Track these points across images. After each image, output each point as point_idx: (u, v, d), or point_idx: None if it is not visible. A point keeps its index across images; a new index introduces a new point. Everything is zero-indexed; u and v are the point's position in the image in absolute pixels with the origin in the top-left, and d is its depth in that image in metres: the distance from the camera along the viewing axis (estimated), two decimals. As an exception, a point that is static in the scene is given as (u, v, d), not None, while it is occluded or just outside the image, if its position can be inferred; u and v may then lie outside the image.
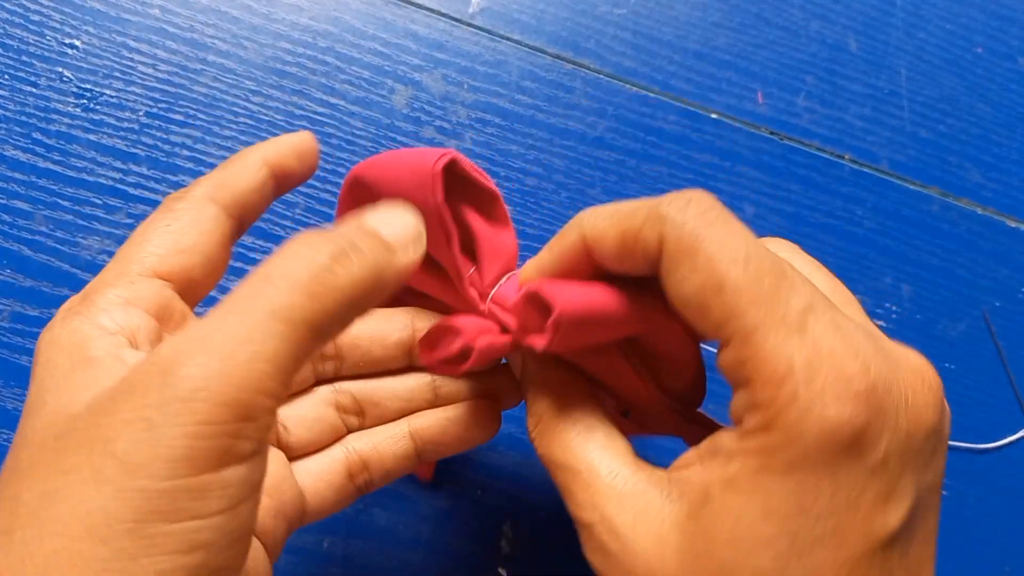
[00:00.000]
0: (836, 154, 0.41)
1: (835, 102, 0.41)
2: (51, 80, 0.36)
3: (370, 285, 0.19)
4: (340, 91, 0.37)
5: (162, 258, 0.22)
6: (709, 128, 0.40)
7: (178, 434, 0.16)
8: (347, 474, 0.27)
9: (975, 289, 0.41)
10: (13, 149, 0.35)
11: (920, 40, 0.43)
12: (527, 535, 0.35)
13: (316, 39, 0.38)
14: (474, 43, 0.39)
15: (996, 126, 0.42)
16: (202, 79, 0.37)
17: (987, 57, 0.43)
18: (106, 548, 0.16)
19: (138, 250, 0.22)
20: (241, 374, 0.17)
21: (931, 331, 0.40)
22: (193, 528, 0.16)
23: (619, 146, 0.39)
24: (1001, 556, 0.38)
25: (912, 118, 0.42)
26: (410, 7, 0.39)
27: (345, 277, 0.19)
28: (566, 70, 0.39)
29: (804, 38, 0.42)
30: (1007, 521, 0.39)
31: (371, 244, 0.20)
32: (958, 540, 0.38)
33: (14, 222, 0.35)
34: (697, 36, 0.41)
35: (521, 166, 0.38)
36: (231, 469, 0.17)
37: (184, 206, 0.23)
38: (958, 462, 0.39)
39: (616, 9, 0.40)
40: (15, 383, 0.34)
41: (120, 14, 0.37)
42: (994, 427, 0.39)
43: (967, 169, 0.42)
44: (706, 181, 0.39)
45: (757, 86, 0.41)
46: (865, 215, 0.40)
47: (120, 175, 0.36)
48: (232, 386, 0.16)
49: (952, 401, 0.41)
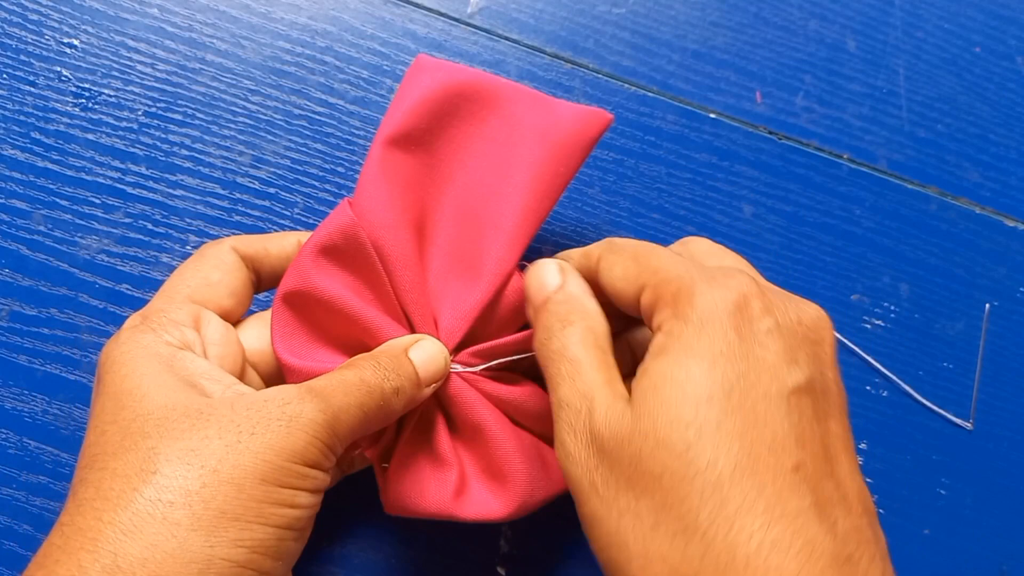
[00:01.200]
0: (834, 153, 0.41)
1: (833, 102, 0.41)
2: (50, 79, 0.36)
3: (394, 414, 0.28)
4: (339, 90, 0.37)
5: (194, 289, 0.29)
6: (707, 127, 0.40)
7: (300, 437, 0.24)
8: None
9: (973, 288, 0.41)
10: (11, 148, 0.35)
11: (918, 40, 0.43)
12: (527, 535, 0.35)
13: (315, 38, 0.38)
14: (473, 43, 0.39)
15: (994, 126, 0.42)
16: (201, 78, 0.37)
17: (985, 57, 0.43)
18: (240, 492, 0.22)
19: (177, 283, 0.29)
20: (335, 421, 0.25)
21: (929, 330, 0.40)
22: (294, 496, 0.24)
23: (618, 145, 0.39)
24: (1000, 556, 0.38)
25: (910, 118, 0.42)
26: (409, 6, 0.39)
27: (386, 408, 0.27)
28: (565, 70, 0.39)
29: (802, 38, 0.42)
30: (1007, 520, 0.39)
31: (411, 383, 0.28)
32: (957, 539, 0.38)
33: (12, 221, 0.35)
34: (696, 36, 0.41)
35: (520, 165, 0.38)
36: (321, 472, 0.25)
37: (211, 251, 0.30)
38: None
39: (615, 8, 0.40)
40: (13, 382, 0.34)
41: (119, 13, 0.37)
42: (993, 426, 0.39)
43: (965, 169, 0.42)
44: (704, 180, 0.39)
45: (756, 85, 0.41)
46: (863, 214, 0.40)
47: (119, 174, 0.36)
48: (330, 425, 0.25)
49: (951, 400, 0.41)
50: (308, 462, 0.24)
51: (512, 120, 0.31)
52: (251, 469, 0.23)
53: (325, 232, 0.29)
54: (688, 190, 0.39)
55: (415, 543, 0.35)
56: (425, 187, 0.30)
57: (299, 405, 0.24)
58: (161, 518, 0.22)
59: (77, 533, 0.22)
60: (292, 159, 0.37)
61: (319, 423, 0.24)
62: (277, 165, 0.36)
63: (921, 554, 0.38)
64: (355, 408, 0.26)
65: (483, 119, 0.31)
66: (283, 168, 0.36)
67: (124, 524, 0.22)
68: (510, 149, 0.31)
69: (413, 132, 0.30)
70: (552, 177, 0.30)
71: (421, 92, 0.30)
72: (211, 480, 0.22)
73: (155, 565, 0.21)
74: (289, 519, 0.23)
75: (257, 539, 0.22)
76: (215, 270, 0.29)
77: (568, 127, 0.30)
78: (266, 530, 0.23)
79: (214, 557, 0.22)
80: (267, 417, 0.24)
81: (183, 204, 0.36)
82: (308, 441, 0.24)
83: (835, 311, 0.39)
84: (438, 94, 0.30)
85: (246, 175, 0.36)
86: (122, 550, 0.21)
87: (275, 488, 0.23)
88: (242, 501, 0.22)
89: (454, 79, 0.30)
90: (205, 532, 0.22)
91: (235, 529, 0.22)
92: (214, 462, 0.23)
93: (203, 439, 0.23)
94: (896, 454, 0.39)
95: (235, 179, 0.36)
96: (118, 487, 0.22)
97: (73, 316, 0.34)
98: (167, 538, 0.21)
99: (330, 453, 0.25)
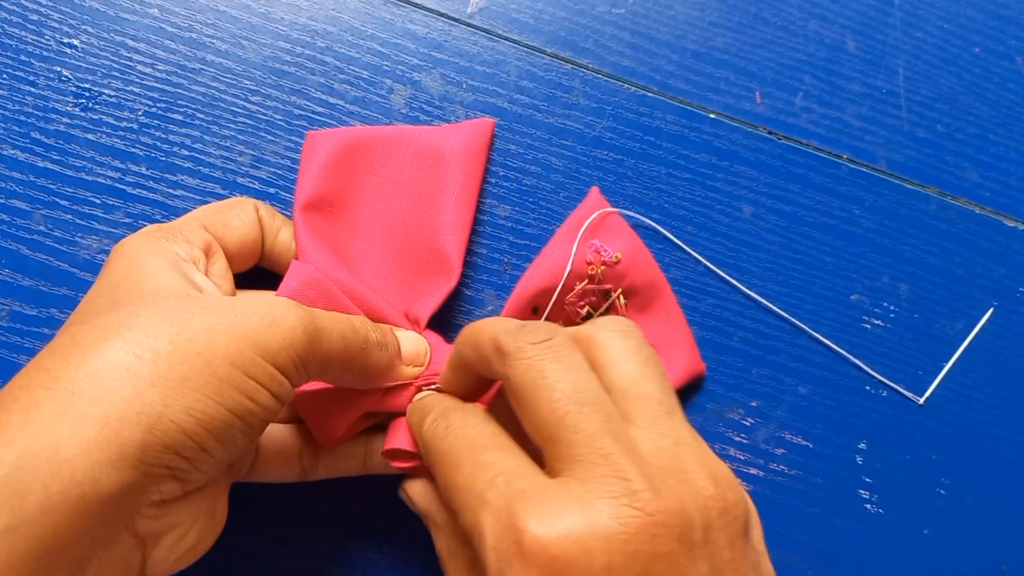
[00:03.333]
0: (834, 154, 0.41)
1: (833, 102, 0.41)
2: (50, 79, 0.36)
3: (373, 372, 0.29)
4: (339, 91, 0.37)
5: (212, 224, 0.31)
6: (707, 128, 0.40)
7: (277, 338, 0.24)
8: (298, 452, 0.31)
9: (973, 288, 0.41)
10: (12, 148, 0.35)
11: (918, 40, 0.43)
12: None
13: (315, 39, 0.38)
14: (473, 43, 0.39)
15: (994, 126, 0.42)
16: (201, 79, 0.37)
17: (985, 57, 0.43)
18: (206, 365, 0.23)
19: (199, 214, 0.31)
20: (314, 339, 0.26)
21: (929, 330, 0.40)
22: (256, 390, 0.24)
23: (617, 146, 0.39)
24: (1000, 556, 0.38)
25: (910, 118, 0.42)
26: (409, 7, 0.39)
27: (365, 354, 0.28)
28: (564, 70, 0.39)
29: (802, 38, 0.42)
30: (1007, 520, 0.39)
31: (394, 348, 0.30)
32: (957, 539, 0.38)
33: (12, 221, 0.35)
34: (695, 36, 0.41)
35: (519, 166, 0.38)
36: (286, 381, 0.25)
37: (238, 203, 0.32)
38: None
39: (614, 9, 0.40)
40: (14, 382, 0.34)
41: (119, 13, 0.37)
42: (993, 425, 0.40)
43: (965, 169, 0.42)
44: (704, 180, 0.39)
45: (755, 86, 0.41)
46: (863, 214, 0.40)
47: (119, 175, 0.36)
48: (309, 340, 0.25)
49: (950, 400, 0.41)
50: (278, 364, 0.24)
51: (406, 156, 0.35)
52: (222, 349, 0.23)
53: (290, 291, 0.31)
54: (688, 190, 0.39)
55: (415, 543, 0.35)
56: (349, 239, 0.34)
57: (285, 310, 0.25)
58: (125, 367, 0.22)
59: (41, 371, 0.22)
60: (292, 159, 0.37)
61: (299, 331, 0.25)
62: (277, 165, 0.36)
63: (921, 554, 0.38)
64: (337, 337, 0.27)
65: (381, 164, 0.35)
66: (283, 168, 0.36)
67: (89, 367, 0.22)
68: (412, 178, 0.35)
69: (323, 196, 0.33)
70: (460, 190, 0.34)
71: (319, 159, 0.34)
72: (182, 347, 0.23)
73: (108, 407, 0.22)
74: (244, 409, 0.24)
75: (208, 414, 0.23)
76: (237, 218, 0.31)
77: (457, 143, 0.35)
78: (219, 409, 0.23)
79: (164, 416, 0.22)
80: (251, 311, 0.25)
81: (183, 204, 0.36)
82: (283, 345, 0.24)
83: (835, 311, 0.39)
84: (336, 156, 0.34)
85: (246, 175, 0.36)
86: (80, 389, 0.22)
87: (240, 375, 0.24)
88: (205, 375, 0.23)
89: (346, 140, 0.34)
90: (163, 391, 0.22)
91: (191, 398, 0.23)
92: (189, 333, 0.23)
93: (185, 312, 0.24)
94: (896, 454, 0.39)
95: (235, 179, 0.36)
96: (93, 336, 0.23)
97: (73, 316, 0.34)
98: (125, 386, 0.22)
99: (301, 366, 0.25)
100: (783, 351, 0.39)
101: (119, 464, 0.21)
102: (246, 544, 0.34)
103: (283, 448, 0.31)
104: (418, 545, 0.35)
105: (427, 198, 0.34)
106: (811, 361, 0.39)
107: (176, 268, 0.27)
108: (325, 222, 0.33)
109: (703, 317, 0.38)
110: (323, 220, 0.33)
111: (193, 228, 0.30)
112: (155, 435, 0.22)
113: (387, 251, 0.34)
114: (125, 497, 0.22)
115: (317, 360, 0.26)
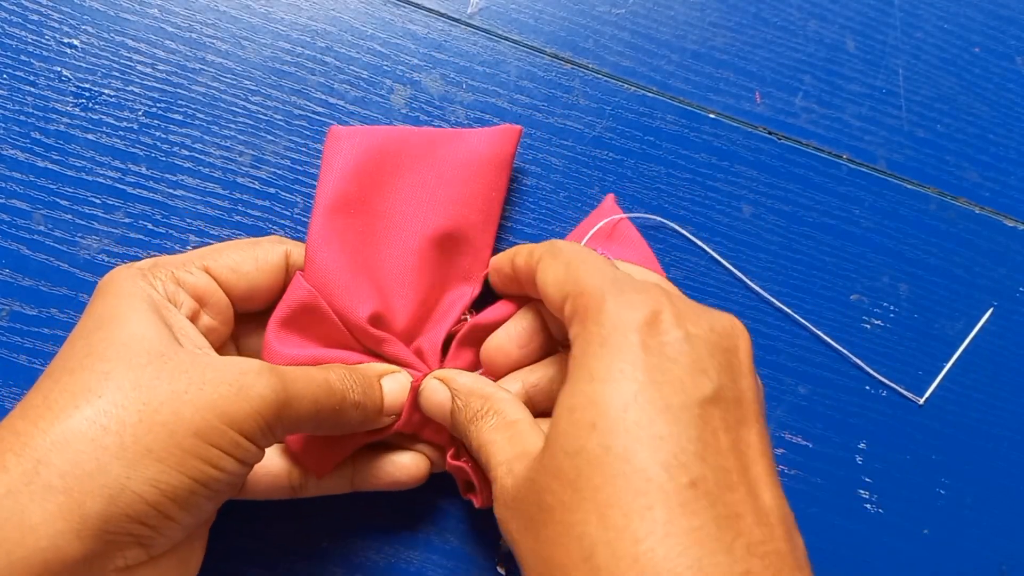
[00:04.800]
0: (834, 154, 0.41)
1: (833, 102, 0.41)
2: (50, 80, 0.36)
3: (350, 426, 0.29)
4: (339, 91, 0.37)
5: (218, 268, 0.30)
6: (707, 128, 0.40)
7: (244, 407, 0.25)
8: (287, 472, 0.31)
9: (973, 288, 0.41)
10: (12, 148, 0.35)
11: (918, 40, 0.43)
12: (526, 534, 0.35)
13: (315, 39, 0.38)
14: (473, 43, 0.39)
15: (994, 126, 0.42)
16: (201, 79, 0.37)
17: (985, 57, 0.43)
18: (170, 437, 0.23)
19: (208, 252, 0.31)
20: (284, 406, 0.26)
21: (928, 330, 0.40)
22: (220, 459, 0.24)
23: (617, 146, 0.39)
24: (1000, 556, 0.38)
25: (910, 118, 0.42)
26: (409, 7, 0.39)
27: (340, 414, 0.28)
28: (564, 70, 0.39)
29: (802, 38, 0.42)
30: (1007, 520, 0.39)
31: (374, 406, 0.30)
32: (957, 539, 0.38)
33: (13, 221, 0.35)
34: (695, 36, 0.41)
35: (519, 165, 0.38)
36: (253, 447, 0.25)
37: (265, 245, 0.32)
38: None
39: (614, 9, 0.40)
40: (14, 382, 0.34)
41: (119, 13, 0.37)
42: (993, 425, 0.40)
43: (965, 169, 0.42)
44: (704, 180, 0.39)
45: (755, 86, 0.41)
46: (863, 214, 0.40)
47: (119, 175, 0.36)
48: (278, 407, 0.26)
49: (950, 400, 0.41)
50: (244, 432, 0.25)
51: (433, 162, 0.34)
52: (188, 420, 0.24)
53: (285, 309, 0.31)
54: (688, 190, 0.39)
55: (415, 543, 0.35)
56: (371, 243, 0.33)
57: (255, 378, 0.25)
58: (91, 439, 0.23)
59: (12, 434, 0.23)
60: (292, 159, 0.37)
61: (268, 400, 0.25)
62: (277, 165, 0.36)
63: (921, 554, 0.38)
64: (308, 401, 0.27)
65: (408, 168, 0.34)
66: (283, 168, 0.36)
67: (56, 436, 0.23)
68: (440, 187, 0.34)
69: (347, 197, 0.32)
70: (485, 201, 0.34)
71: (345, 159, 0.32)
72: (148, 418, 0.23)
73: (72, 480, 0.22)
74: (208, 477, 0.24)
75: (171, 485, 0.23)
76: (252, 261, 0.31)
77: (484, 151, 0.34)
78: (182, 479, 0.24)
79: (127, 488, 0.23)
80: (220, 379, 0.25)
81: (183, 204, 0.36)
82: (250, 414, 0.25)
83: (834, 311, 0.39)
84: (361, 158, 0.33)
85: (246, 175, 0.36)
86: (46, 459, 0.22)
87: (204, 445, 0.24)
88: (169, 447, 0.23)
89: (372, 141, 0.33)
90: (126, 464, 0.23)
91: (154, 470, 0.23)
92: (156, 403, 0.24)
93: (154, 378, 0.24)
94: (896, 454, 0.39)
95: (235, 179, 0.36)
96: (63, 401, 0.24)
97: (73, 316, 0.34)
98: (90, 459, 0.23)
99: (269, 432, 0.26)
100: (783, 351, 0.39)
101: (82, 533, 0.22)
102: (246, 545, 0.34)
103: (272, 470, 0.31)
104: (418, 545, 0.35)
105: (455, 207, 0.34)
106: (811, 361, 0.39)
107: (157, 314, 0.27)
108: (346, 223, 0.32)
109: (703, 317, 0.38)
110: (344, 222, 0.32)
111: (191, 269, 0.29)
112: (118, 506, 0.23)
113: (410, 259, 0.33)
114: (88, 564, 0.23)
115: (285, 424, 0.26)
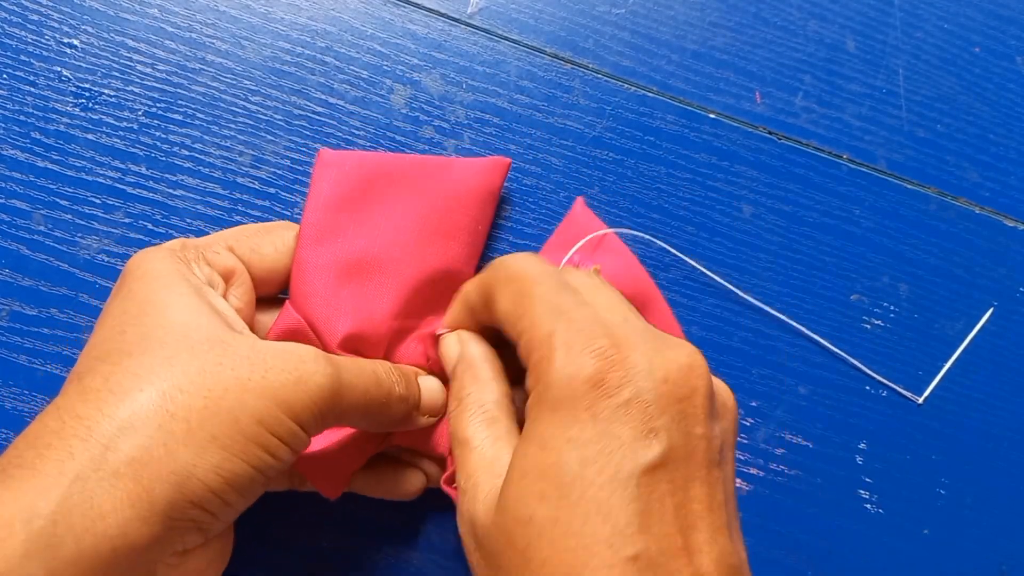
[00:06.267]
0: (834, 154, 0.41)
1: (833, 102, 0.41)
2: (50, 79, 0.36)
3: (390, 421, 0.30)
4: (339, 91, 0.37)
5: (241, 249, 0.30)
6: (707, 128, 0.40)
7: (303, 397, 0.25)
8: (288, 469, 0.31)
9: (973, 288, 0.41)
10: (12, 149, 0.35)
11: (918, 40, 0.43)
12: (525, 534, 0.35)
13: (315, 39, 0.38)
14: (472, 43, 0.39)
15: (994, 126, 0.42)
16: (201, 79, 0.37)
17: (985, 57, 0.43)
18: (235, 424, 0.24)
19: (230, 234, 0.31)
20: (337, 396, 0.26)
21: (928, 330, 0.40)
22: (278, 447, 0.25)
23: (617, 146, 0.39)
24: (1000, 556, 0.38)
25: (910, 118, 0.42)
26: (409, 7, 0.39)
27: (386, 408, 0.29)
28: (564, 70, 0.39)
29: (802, 38, 0.42)
30: (1007, 520, 0.39)
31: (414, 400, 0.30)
32: (957, 539, 0.38)
33: (12, 221, 0.35)
34: (695, 36, 0.41)
35: (519, 166, 0.38)
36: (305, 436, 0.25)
37: (278, 230, 0.32)
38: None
39: (614, 9, 0.40)
40: (13, 382, 0.34)
41: (119, 13, 0.37)
42: (993, 425, 0.40)
43: (965, 169, 0.42)
44: (704, 180, 0.39)
45: (755, 86, 0.41)
46: (863, 214, 0.40)
47: (119, 175, 0.36)
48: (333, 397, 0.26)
49: (950, 400, 0.41)
50: (300, 421, 0.25)
51: (420, 191, 0.34)
52: (251, 407, 0.24)
53: (278, 332, 0.31)
54: (688, 190, 0.39)
55: (415, 543, 0.35)
56: (354, 272, 0.32)
57: (314, 366, 0.25)
58: (159, 424, 0.23)
59: (75, 419, 0.23)
60: (292, 159, 0.37)
61: (324, 389, 0.25)
62: (277, 165, 0.36)
63: (921, 554, 0.38)
64: (360, 392, 0.27)
65: (394, 197, 0.33)
66: (283, 168, 0.36)
67: (123, 420, 0.23)
68: (426, 218, 0.33)
69: (333, 227, 0.32)
70: (470, 233, 0.34)
71: (331, 188, 0.32)
72: (213, 404, 0.23)
73: (140, 466, 0.22)
74: (265, 464, 0.24)
75: (234, 472, 0.24)
76: (270, 244, 0.31)
77: (472, 182, 0.34)
78: (244, 466, 0.24)
79: (193, 476, 0.23)
80: (281, 367, 0.25)
81: (183, 204, 0.36)
82: (307, 403, 0.25)
83: (835, 311, 0.39)
84: (348, 187, 0.32)
85: (246, 175, 0.36)
86: (114, 444, 0.22)
87: (265, 433, 0.24)
88: (233, 434, 0.24)
89: (360, 170, 0.33)
90: (194, 450, 0.23)
91: (219, 457, 0.23)
92: (221, 390, 0.24)
93: (218, 365, 0.24)
94: (896, 454, 0.39)
95: (235, 179, 0.36)
96: (127, 384, 0.23)
97: (73, 316, 0.34)
98: (159, 444, 0.23)
99: (321, 421, 0.26)
100: (783, 351, 0.39)
101: (149, 519, 0.22)
102: (245, 545, 0.34)
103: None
104: (418, 545, 0.35)
105: (440, 238, 0.34)
106: (811, 361, 0.39)
107: (202, 298, 0.27)
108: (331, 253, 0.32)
109: (703, 317, 0.38)
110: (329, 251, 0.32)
111: (218, 249, 0.30)
112: (184, 493, 0.23)
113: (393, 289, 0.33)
114: (152, 549, 0.23)
115: (336, 413, 0.26)
